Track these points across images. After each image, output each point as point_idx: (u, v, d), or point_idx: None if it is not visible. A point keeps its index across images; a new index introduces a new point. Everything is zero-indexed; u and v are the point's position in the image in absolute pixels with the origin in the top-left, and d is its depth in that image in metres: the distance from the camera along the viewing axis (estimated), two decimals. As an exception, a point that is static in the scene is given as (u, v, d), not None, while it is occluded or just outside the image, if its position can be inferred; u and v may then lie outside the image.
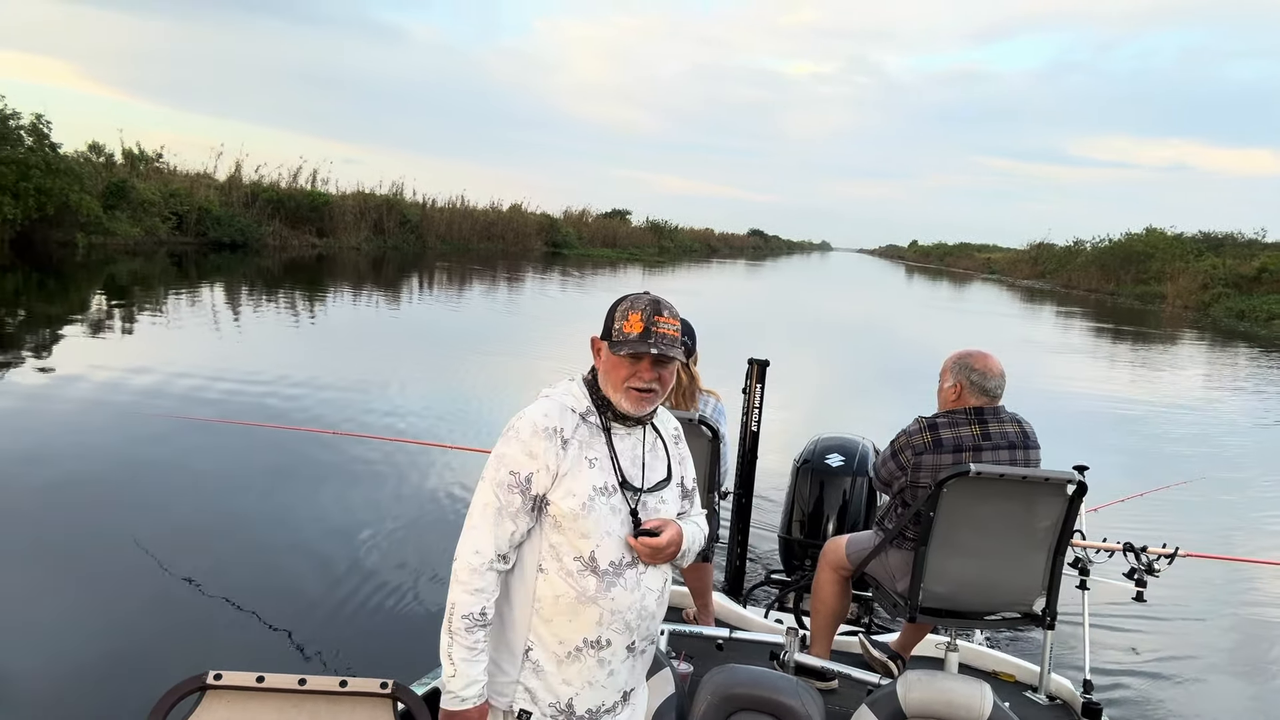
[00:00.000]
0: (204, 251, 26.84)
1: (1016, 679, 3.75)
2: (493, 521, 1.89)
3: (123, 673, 3.93)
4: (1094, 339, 26.36)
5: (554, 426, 1.91)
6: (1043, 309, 38.17)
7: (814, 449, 4.61)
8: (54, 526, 5.53)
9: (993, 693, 2.37)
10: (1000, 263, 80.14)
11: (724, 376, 4.38)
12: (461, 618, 1.86)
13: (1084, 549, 3.80)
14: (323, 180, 35.83)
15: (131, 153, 29.31)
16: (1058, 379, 15.86)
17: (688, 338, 3.49)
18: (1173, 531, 5.27)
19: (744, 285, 42.44)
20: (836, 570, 3.51)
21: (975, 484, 3.02)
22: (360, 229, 34.84)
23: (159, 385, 9.42)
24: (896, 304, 36.41)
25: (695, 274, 45.56)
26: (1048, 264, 63.59)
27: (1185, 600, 5.85)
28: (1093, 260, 55.55)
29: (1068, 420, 11.55)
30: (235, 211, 29.65)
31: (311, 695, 1.89)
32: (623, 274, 37.75)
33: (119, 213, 25.34)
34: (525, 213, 47.22)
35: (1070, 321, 32.00)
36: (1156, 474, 8.74)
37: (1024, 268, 68.69)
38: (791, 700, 2.31)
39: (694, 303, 28.15)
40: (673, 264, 51.85)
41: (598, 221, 56.64)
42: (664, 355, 1.89)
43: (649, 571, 1.98)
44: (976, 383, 3.21)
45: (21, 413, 8.10)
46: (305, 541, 5.64)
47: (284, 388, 9.75)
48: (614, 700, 2.01)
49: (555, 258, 43.77)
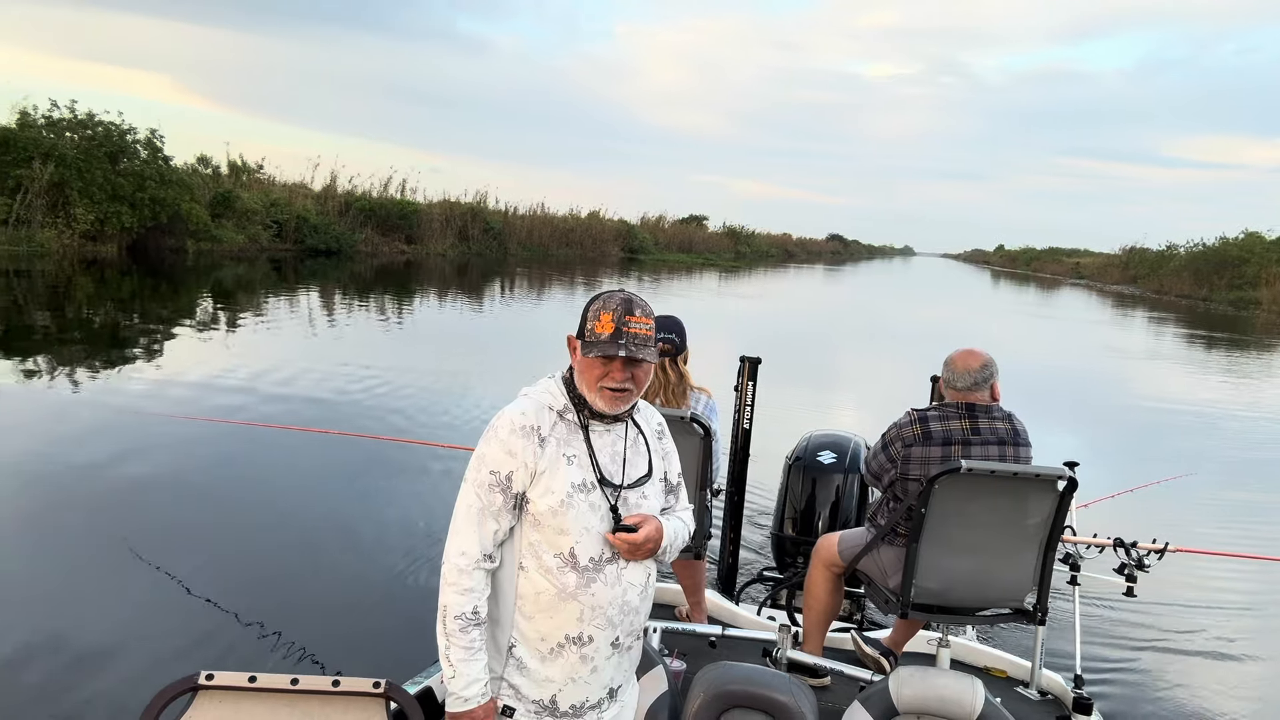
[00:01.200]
0: (301, 258, 28.54)
1: (1008, 674, 3.77)
2: (476, 522, 1.91)
3: (114, 673, 3.94)
4: (1182, 346, 25.50)
5: (531, 425, 1.93)
6: (1128, 315, 37.19)
7: (806, 446, 4.64)
8: (45, 527, 5.60)
9: (984, 688, 2.38)
10: (1089, 268, 77.91)
11: (779, 380, 4.51)
12: (455, 619, 1.89)
13: (1075, 545, 3.84)
14: (411, 189, 37.65)
15: (235, 164, 31.41)
16: (1131, 383, 15.80)
17: (676, 335, 3.61)
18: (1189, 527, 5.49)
19: (820, 290, 42.44)
20: (829, 567, 3.53)
21: (966, 480, 3.05)
22: (446, 236, 36.47)
23: (164, 387, 9.53)
24: (973, 310, 35.92)
25: (769, 278, 45.71)
26: (1139, 269, 61.66)
27: (1175, 595, 5.93)
28: (1185, 265, 53.71)
29: (1140, 426, 11.58)
30: (330, 220, 31.46)
31: (304, 695, 1.89)
32: (696, 279, 38.21)
33: (225, 221, 27.23)
34: (602, 219, 48.44)
35: (1155, 327, 31.16)
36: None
37: (1114, 273, 66.75)
38: (784, 697, 2.31)
39: (758, 306, 28.61)
40: (748, 268, 52.14)
41: (674, 227, 57.51)
42: (633, 357, 1.90)
43: (630, 567, 1.99)
44: (949, 380, 3.30)
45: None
46: (299, 540, 5.68)
47: (305, 389, 9.89)
48: (599, 696, 2.03)
49: (631, 263, 44.48)
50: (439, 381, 11.17)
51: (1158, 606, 5.72)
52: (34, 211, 22.12)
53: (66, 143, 23.16)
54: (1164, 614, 5.69)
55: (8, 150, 22.20)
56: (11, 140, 22.35)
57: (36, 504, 5.99)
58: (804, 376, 13.63)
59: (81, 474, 6.59)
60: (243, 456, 7.32)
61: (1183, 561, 5.59)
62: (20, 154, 22.15)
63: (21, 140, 22.40)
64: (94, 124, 23.91)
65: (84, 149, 23.18)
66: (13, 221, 21.76)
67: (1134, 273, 62.07)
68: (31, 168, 21.96)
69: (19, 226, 21.87)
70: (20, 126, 22.98)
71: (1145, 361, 20.52)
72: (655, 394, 3.55)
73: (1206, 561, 6.24)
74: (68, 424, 7.87)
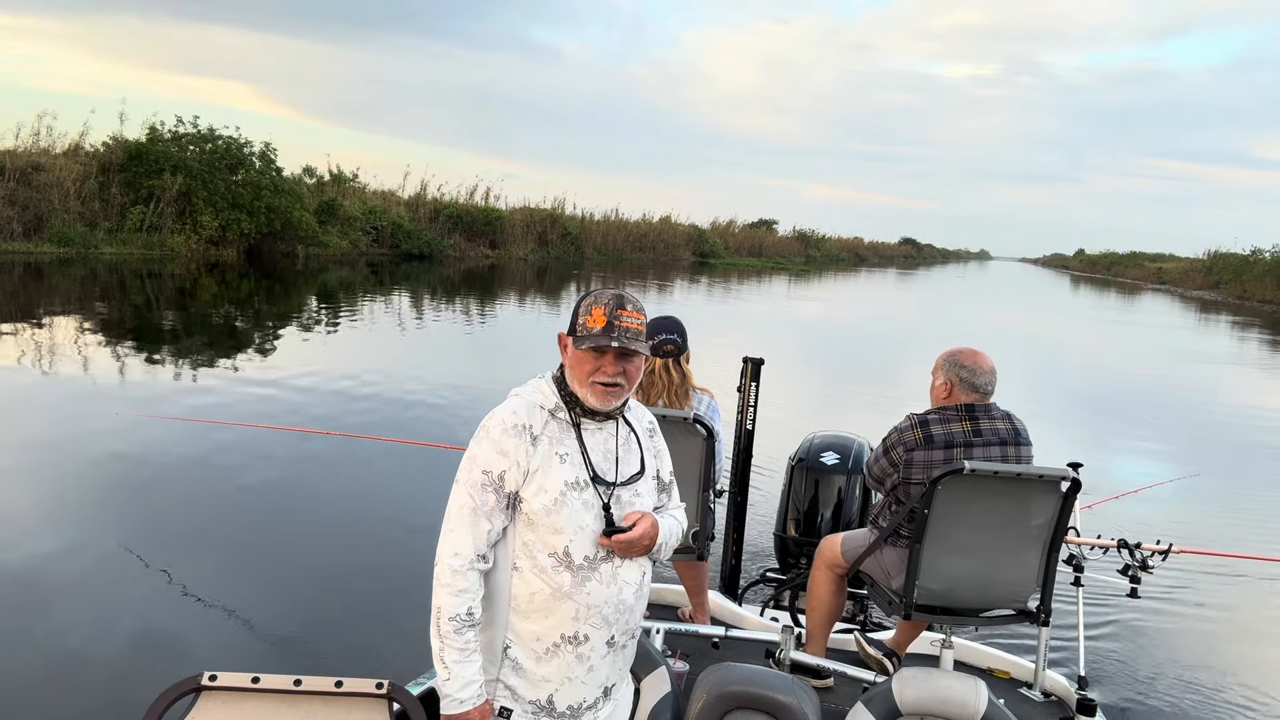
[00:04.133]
0: (396, 261, 30.47)
1: (1011, 676, 3.78)
2: (469, 522, 1.92)
3: (117, 674, 3.96)
4: (1255, 350, 25.21)
5: (523, 424, 1.94)
6: (1206, 320, 36.62)
7: (809, 447, 4.65)
8: (47, 526, 5.61)
9: (988, 689, 2.38)
10: (1171, 273, 76.08)
11: (807, 390, 4.74)
12: (449, 620, 1.89)
13: (1078, 545, 3.83)
14: (495, 197, 39.68)
15: (334, 174, 33.66)
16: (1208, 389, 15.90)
17: (679, 336, 3.63)
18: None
19: (887, 294, 42.62)
20: (831, 568, 3.53)
21: (969, 481, 3.05)
22: (527, 241, 38.35)
23: (170, 388, 9.59)
24: (1044, 316, 35.76)
25: (837, 283, 46.09)
26: (1222, 274, 60.25)
27: (1180, 597, 5.93)
28: (1269, 270, 52.44)
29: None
30: (422, 226, 33.54)
31: (307, 696, 1.90)
32: (766, 283, 38.84)
33: (329, 227, 29.38)
34: (674, 224, 49.86)
35: (1236, 332, 30.61)
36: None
37: (1196, 278, 65.19)
38: (787, 698, 2.33)
39: (821, 310, 29.28)
40: (818, 273, 52.48)
41: (744, 232, 58.57)
42: (626, 349, 1.92)
43: (625, 565, 2.00)
44: (966, 379, 3.26)
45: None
46: (301, 542, 5.72)
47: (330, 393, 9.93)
48: (595, 696, 2.03)
49: (701, 268, 45.35)
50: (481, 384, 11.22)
51: (1162, 608, 5.73)
52: (165, 219, 24.48)
53: (191, 155, 25.50)
54: (1168, 615, 5.69)
55: (141, 163, 24.62)
56: (144, 153, 24.77)
57: (36, 501, 6.10)
58: (857, 377, 14.14)
59: (82, 472, 6.68)
60: (248, 459, 7.30)
61: (1187, 563, 5.75)
62: (151, 166, 24.53)
63: (153, 153, 24.79)
64: (214, 138, 26.19)
65: (206, 161, 25.48)
66: (146, 228, 24.14)
67: (1217, 278, 60.57)
68: (162, 179, 24.29)
69: (151, 232, 24.25)
70: (150, 141, 25.39)
71: (1216, 366, 20.40)
72: (658, 395, 3.59)
73: (1211, 562, 6.25)
74: (89, 423, 7.94)
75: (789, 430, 5.63)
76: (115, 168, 24.62)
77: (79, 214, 23.31)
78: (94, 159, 24.69)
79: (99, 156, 24.83)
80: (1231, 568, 6.37)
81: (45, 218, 22.44)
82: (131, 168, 24.61)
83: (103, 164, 24.55)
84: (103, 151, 25.01)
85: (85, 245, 22.65)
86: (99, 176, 24.19)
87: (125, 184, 24.48)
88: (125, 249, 23.54)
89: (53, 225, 22.36)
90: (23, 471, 6.74)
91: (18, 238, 21.77)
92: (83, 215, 23.43)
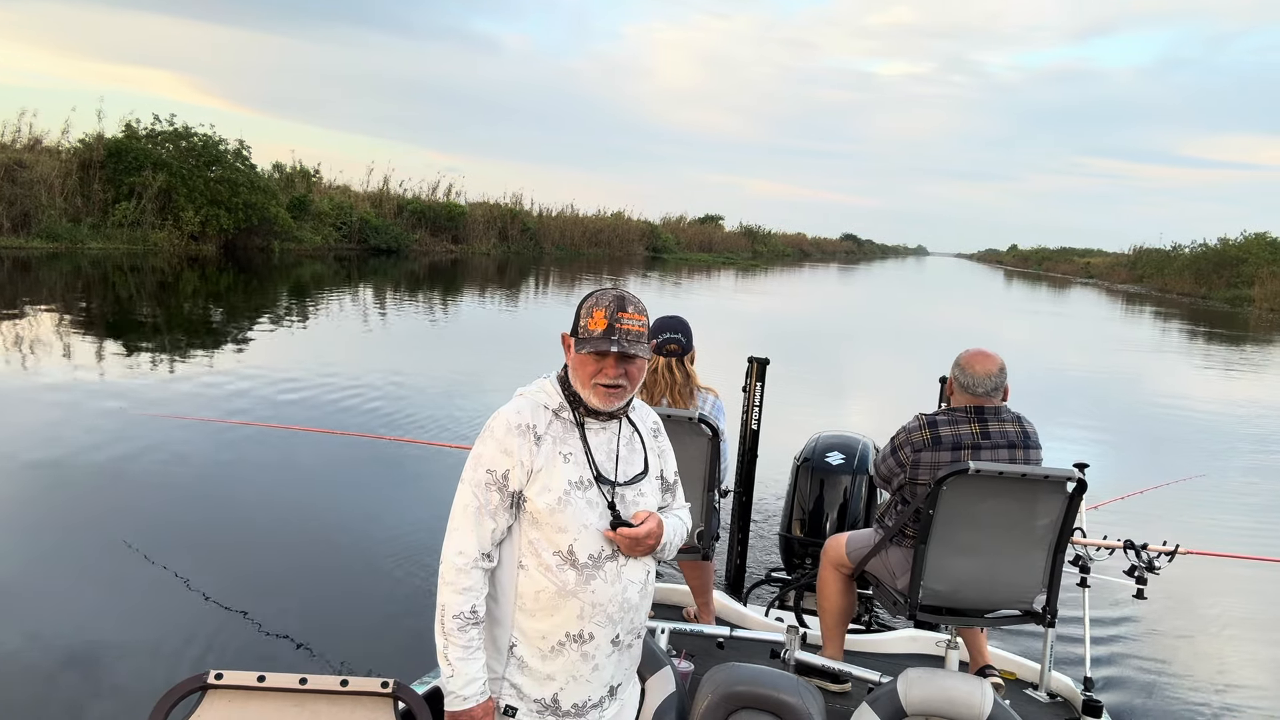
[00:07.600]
0: (364, 256, 31.35)
1: (1017, 676, 3.77)
2: (473, 521, 1.94)
3: (124, 672, 3.96)
4: (1184, 341, 26.25)
5: (527, 423, 1.97)
6: (1130, 311, 38.54)
7: (814, 447, 4.65)
8: (52, 525, 5.63)
9: (993, 690, 2.37)
10: (1098, 267, 79.84)
11: (789, 377, 4.83)
12: (453, 618, 1.92)
13: (1084, 546, 3.82)
14: (456, 193, 40.87)
15: (298, 169, 34.34)
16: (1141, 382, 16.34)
17: (683, 335, 3.62)
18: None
19: (835, 290, 44.27)
20: (837, 568, 3.53)
21: (975, 482, 3.03)
22: (488, 237, 39.59)
23: (173, 384, 9.62)
24: (972, 309, 36.69)
25: (786, 278, 47.58)
26: (1145, 269, 63.54)
27: (1187, 598, 5.92)
28: (1188, 265, 55.71)
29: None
30: (389, 222, 34.55)
31: (312, 695, 1.91)
32: (717, 278, 40.08)
33: (302, 223, 30.30)
34: (628, 220, 51.39)
35: (1160, 323, 32.19)
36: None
37: (1121, 272, 68.66)
38: (792, 698, 2.33)
39: (774, 304, 30.82)
40: (765, 268, 53.97)
41: (692, 226, 60.25)
42: (626, 353, 1.92)
43: (629, 564, 2.02)
44: (963, 382, 3.25)
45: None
46: (306, 540, 5.73)
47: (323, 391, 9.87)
48: (600, 695, 2.05)
49: (655, 262, 46.58)
50: (462, 380, 11.31)
51: (1169, 609, 5.71)
52: (147, 215, 25.30)
53: (169, 153, 26.27)
54: (1175, 617, 5.67)
55: (120, 160, 25.38)
56: (123, 150, 25.53)
57: (37, 499, 6.13)
58: (812, 376, 14.00)
59: (84, 473, 6.68)
60: (251, 457, 7.38)
61: (1194, 564, 5.71)
62: (131, 163, 25.32)
63: (132, 150, 25.56)
64: (190, 135, 26.93)
65: (183, 158, 26.28)
66: (129, 223, 24.98)
67: (1140, 272, 63.57)
68: (142, 175, 25.10)
69: (134, 228, 25.07)
70: (127, 138, 26.10)
71: (1145, 355, 21.36)
72: (662, 394, 3.59)
73: (1218, 564, 6.21)
74: (79, 425, 7.88)
75: (792, 430, 5.69)
76: (96, 165, 25.28)
77: (63, 210, 24.04)
78: (74, 156, 25.29)
79: (79, 153, 25.43)
80: (1238, 569, 6.32)
81: (32, 214, 23.17)
82: (111, 164, 25.32)
83: (83, 161, 25.18)
84: (81, 149, 25.63)
85: (72, 240, 23.43)
86: (79, 173, 24.86)
87: (106, 180, 25.21)
88: (110, 244, 24.28)
89: (40, 221, 23.06)
90: (22, 472, 6.66)
91: (5, 233, 22.51)
92: (67, 211, 24.16)
